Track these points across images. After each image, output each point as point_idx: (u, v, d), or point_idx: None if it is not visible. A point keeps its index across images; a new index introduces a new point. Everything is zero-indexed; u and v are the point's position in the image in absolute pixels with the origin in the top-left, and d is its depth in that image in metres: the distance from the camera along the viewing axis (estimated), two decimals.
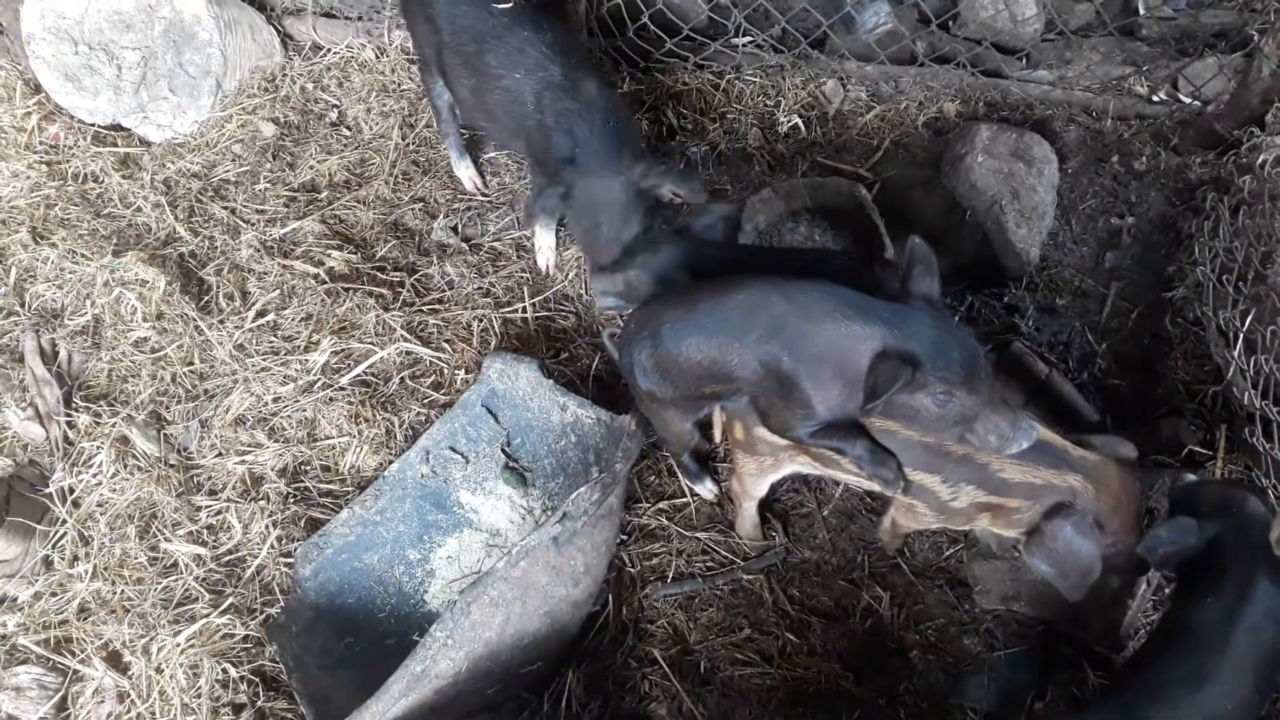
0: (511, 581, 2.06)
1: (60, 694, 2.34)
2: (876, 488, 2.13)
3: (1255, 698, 1.80)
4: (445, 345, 2.86)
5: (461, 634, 2.00)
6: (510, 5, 2.69)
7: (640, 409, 2.39)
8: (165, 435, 2.74)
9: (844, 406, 1.94)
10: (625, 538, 2.55)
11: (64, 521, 2.58)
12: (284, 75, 3.54)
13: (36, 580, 2.50)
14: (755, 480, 2.38)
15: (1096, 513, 2.01)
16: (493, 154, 3.35)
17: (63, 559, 2.54)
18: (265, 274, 3.01)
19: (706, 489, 2.59)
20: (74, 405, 2.79)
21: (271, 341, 2.88)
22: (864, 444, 2.04)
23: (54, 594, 2.48)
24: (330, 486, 2.65)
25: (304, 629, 2.38)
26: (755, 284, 2.06)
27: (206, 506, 2.61)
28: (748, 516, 2.50)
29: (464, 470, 2.65)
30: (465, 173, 3.23)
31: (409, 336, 2.85)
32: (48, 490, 2.64)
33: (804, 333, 1.93)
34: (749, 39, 3.45)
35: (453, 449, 2.64)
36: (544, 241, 3.00)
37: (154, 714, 2.30)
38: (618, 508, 2.37)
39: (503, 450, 2.67)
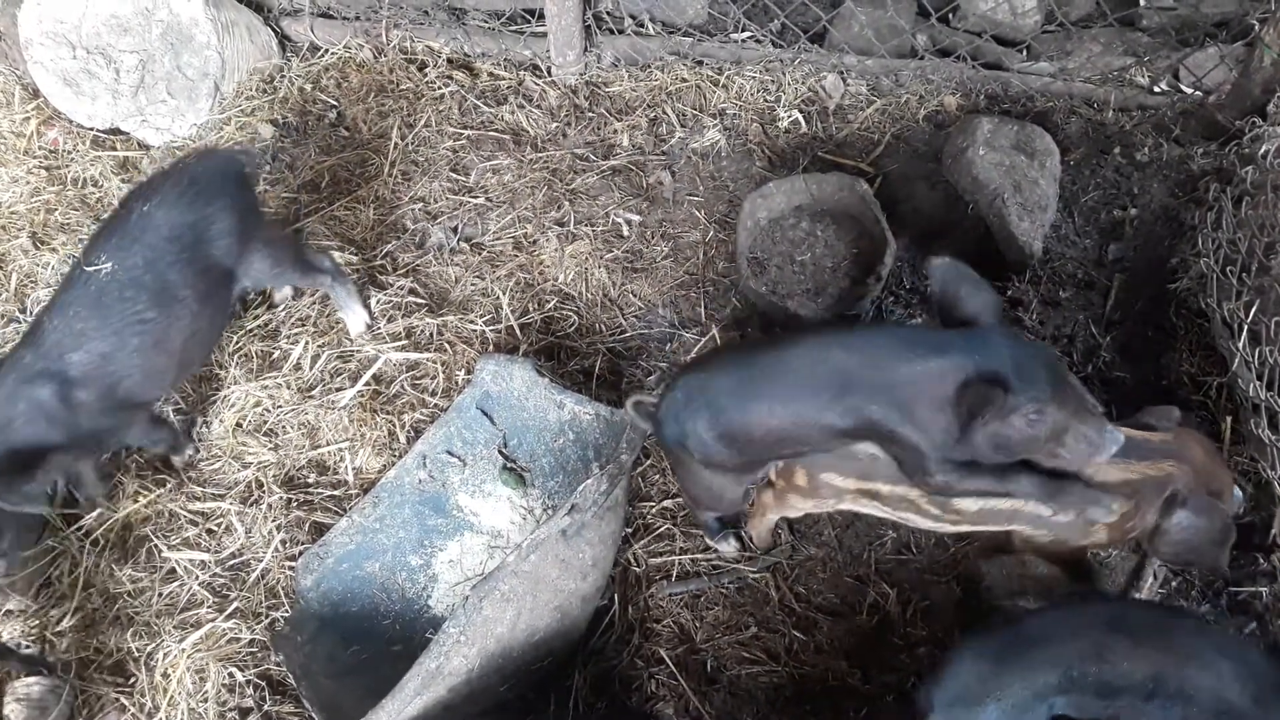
0: (522, 576, 2.06)
1: (70, 703, 2.33)
2: (1060, 522, 2.01)
3: None
4: (446, 346, 2.85)
5: (474, 630, 2.00)
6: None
7: (681, 478, 2.32)
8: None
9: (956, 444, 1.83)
10: (631, 537, 2.54)
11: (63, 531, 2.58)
12: (282, 76, 3.53)
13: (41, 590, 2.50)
14: (802, 511, 2.32)
15: (1202, 486, 1.99)
16: (494, 160, 3.34)
17: (64, 569, 2.54)
18: None
19: (729, 547, 2.49)
20: None
21: (271, 345, 2.88)
22: (1027, 478, 1.89)
23: (55, 605, 2.48)
24: (335, 493, 2.64)
25: (309, 639, 2.37)
26: (809, 339, 2.02)
27: (208, 511, 2.60)
28: (767, 526, 2.47)
29: (462, 473, 2.64)
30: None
31: (406, 343, 2.85)
32: None
33: (878, 380, 1.85)
34: (748, 34, 3.43)
35: (449, 453, 2.63)
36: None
37: None
38: (623, 500, 2.36)
39: (500, 451, 2.65)
